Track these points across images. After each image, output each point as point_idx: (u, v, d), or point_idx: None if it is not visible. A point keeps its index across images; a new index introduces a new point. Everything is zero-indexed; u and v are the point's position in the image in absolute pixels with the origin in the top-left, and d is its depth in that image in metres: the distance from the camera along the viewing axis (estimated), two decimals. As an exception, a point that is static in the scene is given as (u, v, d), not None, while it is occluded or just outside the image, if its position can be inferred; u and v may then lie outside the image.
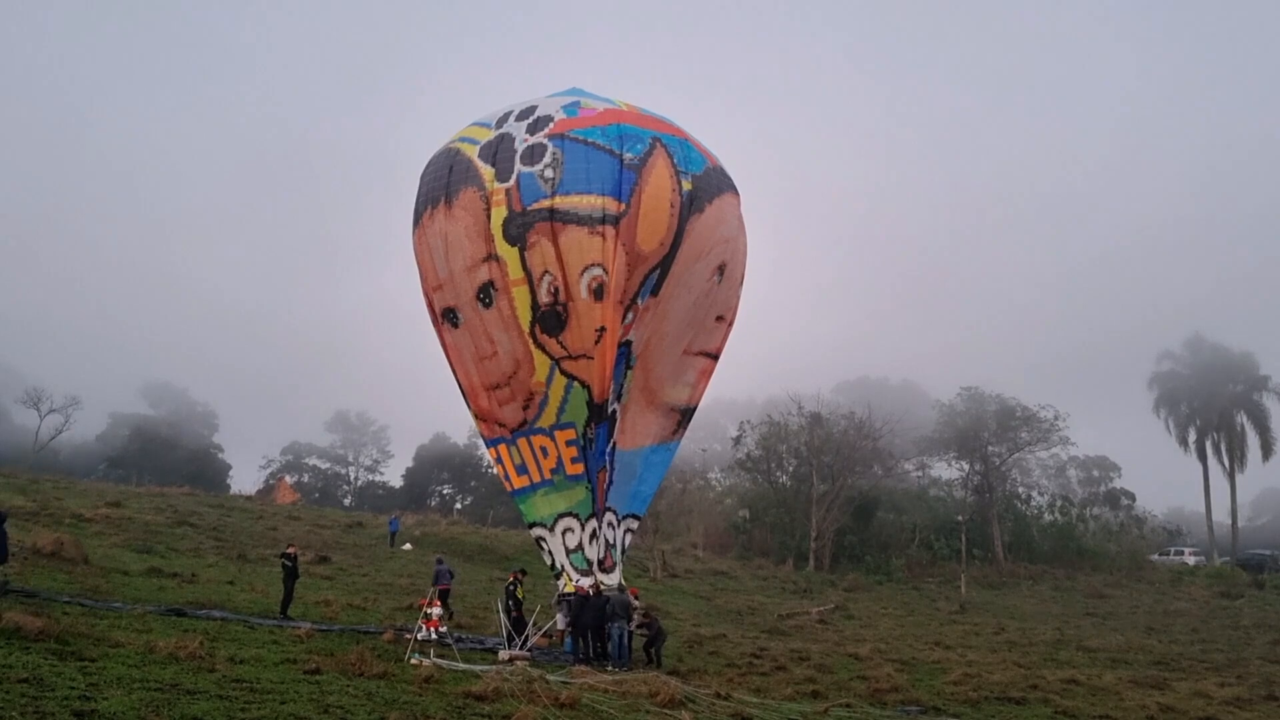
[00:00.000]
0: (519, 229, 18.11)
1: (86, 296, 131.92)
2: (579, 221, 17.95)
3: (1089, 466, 69.49)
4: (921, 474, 61.36)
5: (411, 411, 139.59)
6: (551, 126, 18.69)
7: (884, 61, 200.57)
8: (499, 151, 18.73)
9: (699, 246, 19.18)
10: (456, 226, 18.76)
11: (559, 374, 18.82)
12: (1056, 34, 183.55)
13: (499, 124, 19.31)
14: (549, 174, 18.09)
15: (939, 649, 24.65)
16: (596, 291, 18.14)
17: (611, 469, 19.69)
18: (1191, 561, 53.43)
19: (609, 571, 19.30)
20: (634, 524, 21.00)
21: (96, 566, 21.14)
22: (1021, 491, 58.34)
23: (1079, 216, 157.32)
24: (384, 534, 38.97)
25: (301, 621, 17.73)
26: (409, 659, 14.67)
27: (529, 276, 18.30)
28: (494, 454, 20.82)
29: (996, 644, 26.81)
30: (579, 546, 19.26)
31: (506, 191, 18.24)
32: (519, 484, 19.97)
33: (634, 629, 18.43)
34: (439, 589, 22.97)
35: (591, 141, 18.42)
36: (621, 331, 18.76)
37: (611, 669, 16.66)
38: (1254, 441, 55.96)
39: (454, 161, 19.27)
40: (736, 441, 55.84)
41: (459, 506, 77.62)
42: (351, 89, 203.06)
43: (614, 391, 19.32)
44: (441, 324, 19.97)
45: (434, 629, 15.97)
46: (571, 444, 19.23)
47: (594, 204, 17.95)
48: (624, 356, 19.40)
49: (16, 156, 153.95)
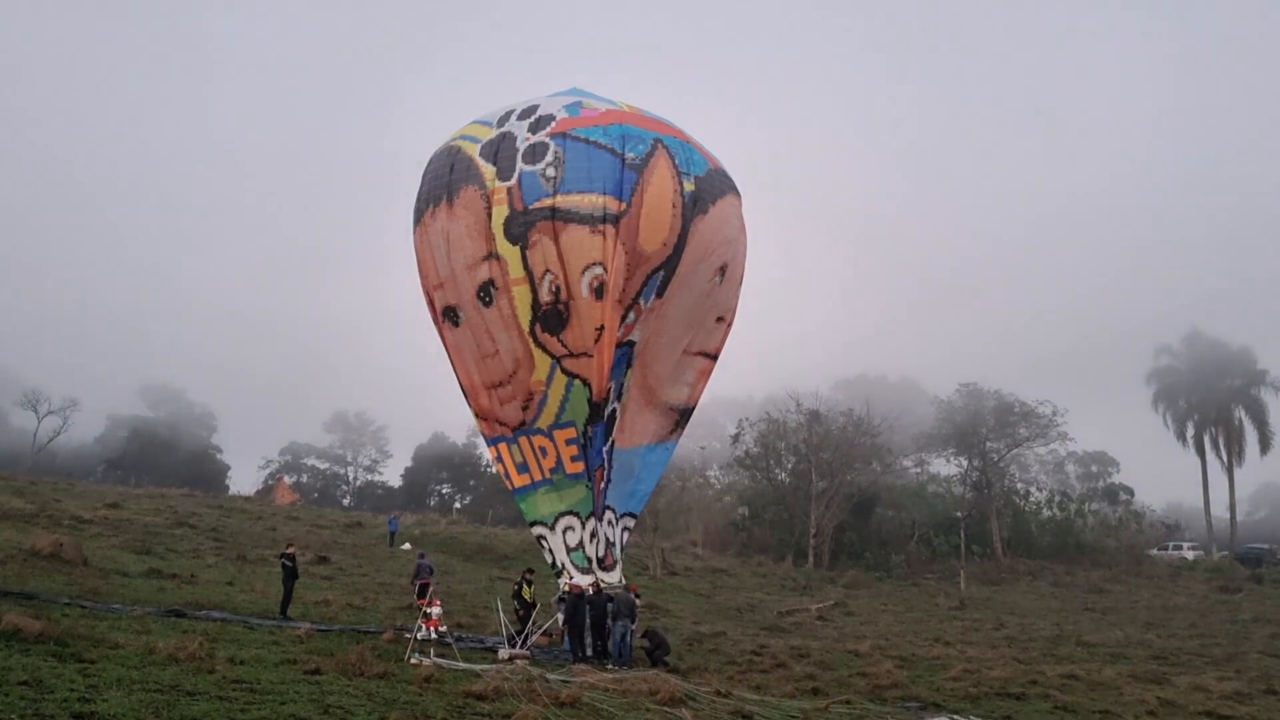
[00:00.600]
0: (521, 228, 18.09)
1: (84, 298, 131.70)
2: (580, 220, 17.92)
3: (1087, 462, 69.57)
4: (920, 470, 61.40)
5: (410, 411, 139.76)
6: (553, 125, 18.66)
7: (884, 59, 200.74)
8: (500, 150, 18.70)
9: (703, 248, 19.18)
10: (458, 225, 18.74)
11: (560, 372, 18.81)
12: (1055, 32, 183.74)
13: (500, 122, 19.28)
14: (551, 173, 18.07)
15: (939, 645, 24.67)
16: (597, 290, 18.12)
17: (609, 467, 19.71)
18: (1190, 556, 53.51)
19: (609, 570, 19.32)
20: (631, 522, 21.04)
21: (96, 568, 21.13)
22: (1020, 487, 58.34)
23: (1079, 213, 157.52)
24: (383, 534, 38.98)
25: (301, 622, 17.74)
26: (409, 659, 14.66)
27: (530, 275, 18.27)
28: (494, 452, 20.82)
29: (996, 640, 26.85)
30: (579, 545, 19.27)
31: (508, 190, 18.22)
32: (520, 482, 19.98)
33: (637, 643, 18.51)
34: (420, 584, 23.12)
35: (593, 140, 18.39)
36: (623, 331, 18.75)
37: (612, 667, 16.69)
38: (1252, 436, 56.18)
39: (455, 160, 19.24)
40: (735, 439, 55.87)
41: (458, 506, 77.64)
42: (351, 89, 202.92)
43: (613, 391, 19.33)
44: (442, 323, 19.96)
45: (434, 628, 15.99)
46: (572, 442, 19.22)
47: (595, 203, 17.93)
48: (625, 356, 19.41)
49: (14, 157, 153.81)
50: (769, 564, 47.51)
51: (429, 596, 17.64)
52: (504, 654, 17.07)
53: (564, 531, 19.44)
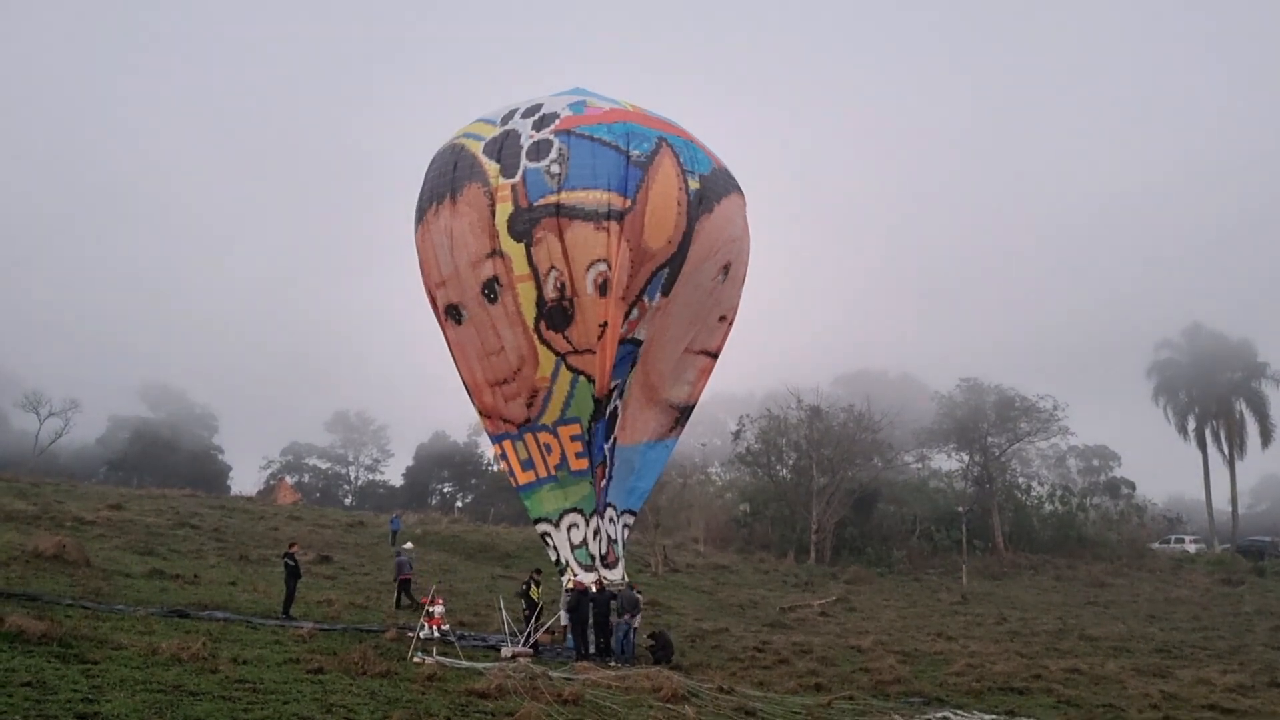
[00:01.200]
0: (525, 225, 18.05)
1: (84, 299, 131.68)
2: (585, 217, 17.89)
3: (1089, 456, 69.53)
4: (921, 466, 61.39)
5: (411, 410, 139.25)
6: (558, 123, 18.63)
7: (884, 57, 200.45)
8: (504, 147, 18.67)
9: (708, 246, 19.17)
10: (461, 222, 18.69)
11: (565, 369, 18.80)
12: (1055, 29, 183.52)
13: (504, 120, 19.26)
14: (555, 169, 18.04)
15: (941, 640, 24.68)
16: (602, 287, 18.10)
17: (611, 464, 19.70)
18: (1192, 549, 53.49)
19: (611, 567, 19.33)
20: (631, 519, 21.05)
21: (98, 569, 21.14)
22: (1021, 482, 58.35)
23: (1078, 207, 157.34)
24: (385, 533, 38.97)
25: (304, 621, 17.75)
26: (412, 657, 14.67)
27: (535, 272, 18.24)
28: (499, 450, 20.84)
29: (998, 634, 26.86)
30: (583, 542, 19.28)
31: (512, 187, 18.18)
32: (524, 479, 19.97)
33: (642, 641, 18.52)
34: (400, 579, 23.17)
35: (598, 138, 18.36)
36: (626, 328, 18.73)
37: (615, 664, 16.70)
38: (1253, 428, 56.14)
39: (458, 157, 19.20)
40: (736, 436, 55.88)
41: (460, 504, 77.69)
42: (351, 90, 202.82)
43: (616, 388, 19.32)
44: (445, 321, 19.94)
45: (437, 627, 15.99)
46: (576, 439, 19.22)
47: (599, 199, 17.89)
48: (631, 354, 19.39)
49: (14, 158, 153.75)
50: (771, 560, 47.51)
51: (431, 595, 17.64)
52: (507, 652, 17.08)
53: (569, 529, 19.45)
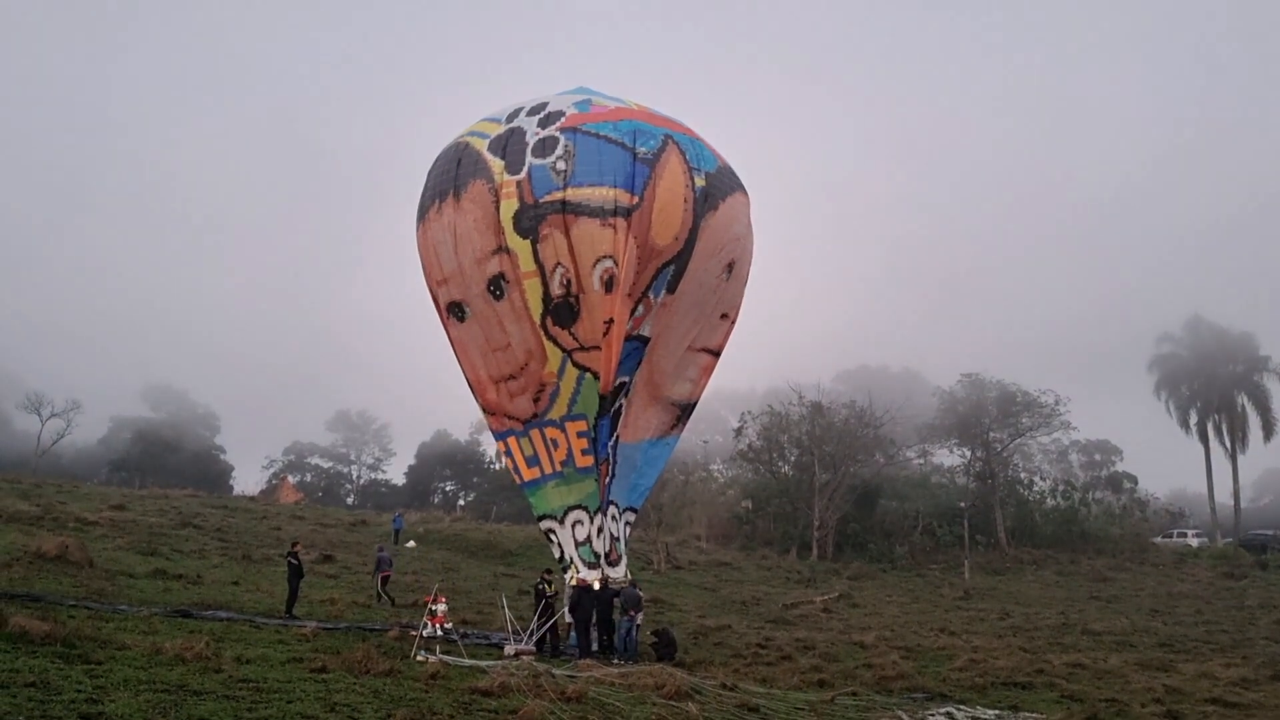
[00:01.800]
0: (531, 221, 18.02)
1: (85, 300, 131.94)
2: (591, 213, 17.85)
3: (1091, 450, 69.61)
4: (923, 461, 61.38)
5: (413, 409, 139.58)
6: (563, 120, 18.61)
7: (884, 54, 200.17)
8: (509, 144, 18.64)
9: (713, 244, 19.15)
10: (465, 219, 18.64)
11: (571, 366, 18.80)
12: (1055, 25, 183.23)
13: (509, 119, 19.23)
14: (561, 166, 18.01)
15: (944, 635, 24.67)
16: (608, 284, 18.06)
17: (613, 462, 19.69)
18: (1195, 543, 53.44)
19: (614, 565, 19.33)
20: (632, 517, 21.03)
21: (101, 569, 21.17)
22: (1023, 477, 58.25)
23: (1078, 202, 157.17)
24: (388, 532, 39.03)
25: (307, 620, 17.78)
26: (415, 656, 14.69)
27: (541, 269, 18.21)
28: (503, 446, 20.82)
29: (1001, 629, 26.85)
30: (587, 539, 19.27)
31: (518, 184, 18.15)
32: (529, 476, 19.95)
33: (646, 639, 18.52)
34: (381, 576, 23.26)
35: (604, 135, 18.33)
36: (632, 324, 18.72)
37: (618, 662, 16.71)
38: (1255, 422, 56.09)
39: (462, 155, 19.17)
40: (738, 433, 55.84)
41: (462, 503, 77.77)
42: (351, 91, 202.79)
43: (623, 386, 19.30)
44: (447, 318, 19.93)
45: (439, 625, 16.01)
46: (582, 435, 19.20)
47: (606, 196, 17.86)
48: (638, 351, 19.37)
49: (16, 159, 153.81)
50: (773, 557, 47.52)
51: (434, 594, 17.67)
52: (510, 650, 17.09)
53: (573, 526, 19.44)
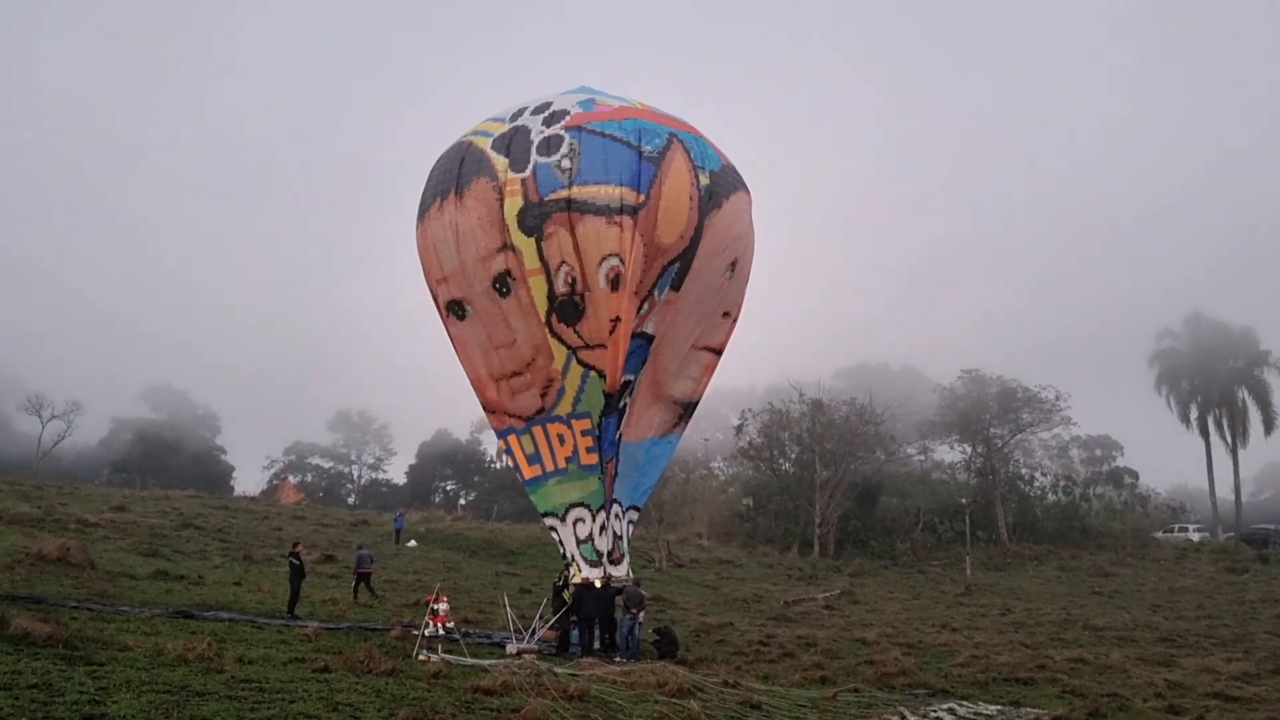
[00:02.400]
0: (536, 219, 18.01)
1: (85, 301, 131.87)
2: (597, 211, 17.84)
3: (1091, 446, 69.50)
4: (924, 458, 61.40)
5: (413, 409, 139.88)
6: (568, 119, 18.61)
7: (884, 52, 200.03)
8: (513, 143, 18.63)
9: (717, 242, 19.17)
10: (468, 217, 18.61)
11: (576, 363, 18.80)
12: (1054, 21, 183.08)
13: (513, 118, 19.24)
14: (566, 164, 17.99)
15: (946, 632, 24.68)
16: (614, 282, 18.05)
17: (617, 460, 19.69)
18: (1196, 538, 53.46)
19: (617, 563, 19.33)
20: (635, 515, 21.03)
21: (103, 571, 21.17)
22: (1024, 473, 58.25)
23: (1078, 198, 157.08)
24: (389, 531, 39.08)
25: (309, 620, 17.79)
26: (417, 655, 14.69)
27: (546, 267, 18.20)
28: (504, 445, 20.80)
29: (1003, 625, 26.85)
30: (589, 537, 19.28)
31: (522, 182, 18.13)
32: (530, 474, 19.96)
33: (648, 637, 18.53)
34: (360, 573, 23.29)
35: (609, 134, 18.33)
36: (636, 322, 18.73)
37: (620, 660, 16.72)
38: (1255, 417, 56.08)
39: (465, 154, 19.18)
40: (738, 430, 55.86)
41: (463, 502, 77.80)
42: (352, 91, 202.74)
43: (628, 384, 19.30)
44: (447, 317, 19.93)
45: (441, 624, 16.01)
46: (587, 433, 19.21)
47: (612, 194, 17.85)
48: (643, 349, 19.37)
49: (16, 160, 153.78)
50: (774, 554, 47.55)
51: (436, 593, 17.67)
52: (511, 649, 17.10)
53: (574, 523, 19.45)
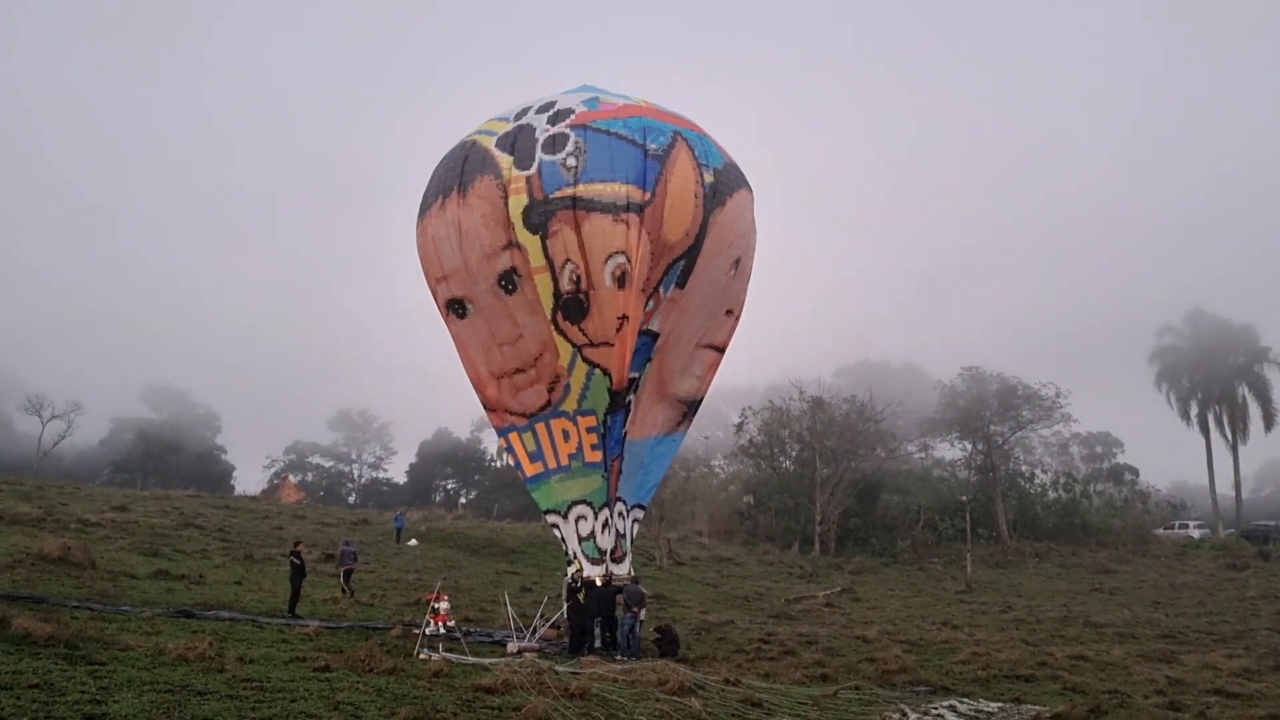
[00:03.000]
0: (541, 217, 18.00)
1: (85, 301, 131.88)
2: (603, 209, 17.84)
3: (1092, 443, 69.44)
4: (924, 455, 61.29)
5: (414, 407, 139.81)
6: (572, 118, 18.63)
7: (884, 50, 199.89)
8: (518, 141, 18.64)
9: (721, 239, 19.18)
10: (472, 215, 18.60)
11: (581, 361, 18.81)
12: (1053, 16, 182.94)
13: (518, 117, 19.25)
14: (571, 162, 18.00)
15: (946, 629, 24.70)
16: (620, 279, 18.04)
17: (622, 458, 19.68)
18: (1196, 534, 53.43)
19: (619, 562, 19.34)
20: (640, 514, 21.02)
21: (104, 570, 21.18)
22: (1025, 470, 58.20)
23: (1078, 195, 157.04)
24: (390, 530, 39.10)
25: (310, 620, 17.79)
26: (418, 654, 14.70)
27: (551, 264, 18.19)
28: (505, 443, 20.78)
29: (1004, 622, 26.86)
30: (591, 534, 19.28)
31: (527, 179, 18.14)
32: (532, 471, 19.95)
33: (649, 635, 18.53)
34: (344, 569, 23.29)
35: (614, 132, 18.34)
36: (643, 320, 18.73)
37: (620, 658, 16.72)
38: (1256, 413, 56.11)
39: (469, 152, 19.19)
40: (739, 428, 55.84)
41: (464, 501, 77.80)
42: (353, 91, 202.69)
43: (633, 382, 19.30)
44: (447, 315, 19.93)
45: (442, 623, 16.01)
46: (592, 430, 19.22)
47: (618, 192, 17.86)
48: (648, 346, 19.37)
49: (16, 161, 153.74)
50: (775, 552, 47.55)
51: (437, 592, 17.67)
52: (512, 647, 17.11)
53: (576, 521, 19.46)
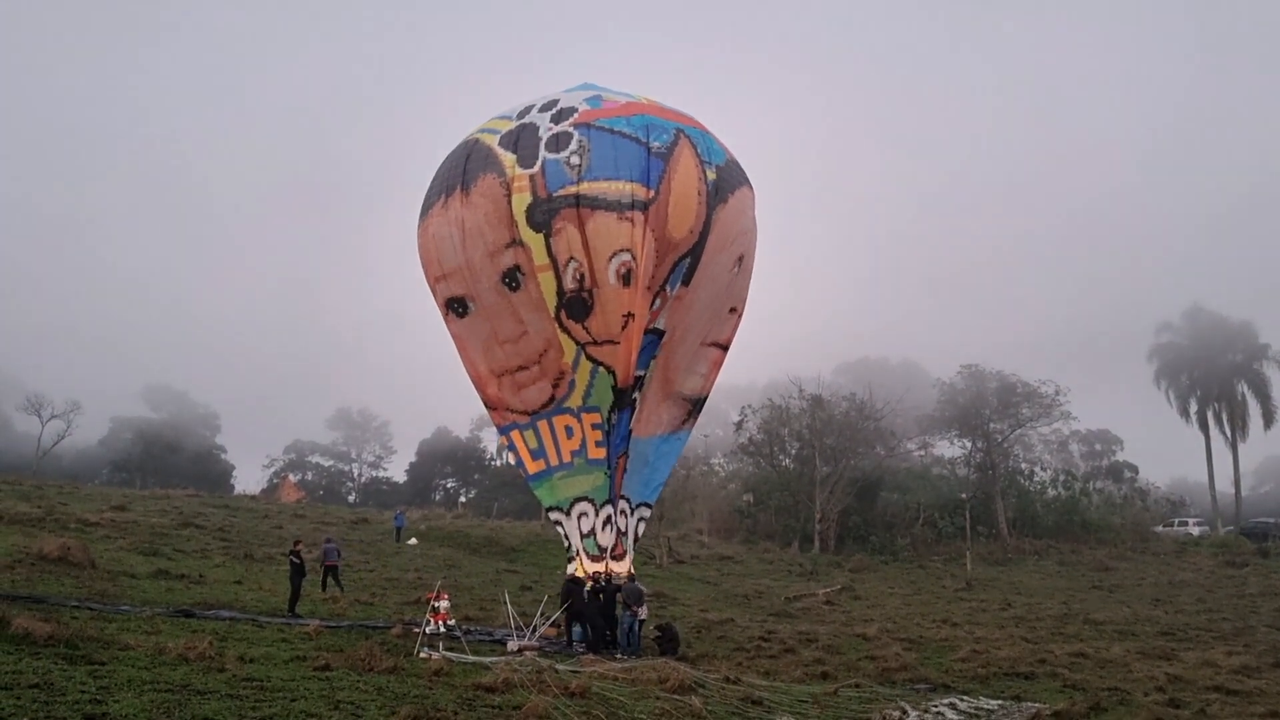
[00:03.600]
0: (544, 215, 18.00)
1: (85, 302, 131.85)
2: (607, 207, 17.84)
3: (1091, 440, 69.50)
4: (924, 453, 61.28)
5: (413, 406, 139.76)
6: (576, 116, 18.63)
7: (883, 49, 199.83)
8: (521, 139, 18.64)
9: (724, 237, 19.19)
10: (475, 213, 18.59)
11: (584, 359, 18.82)
12: (1052, 15, 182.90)
13: (520, 115, 19.25)
14: (575, 160, 18.00)
15: (946, 627, 24.70)
16: (624, 277, 18.04)
17: (627, 456, 19.69)
18: (1196, 532, 53.43)
19: (619, 559, 19.35)
20: (646, 512, 21.00)
21: (104, 570, 21.16)
22: (1024, 467, 58.21)
23: (1077, 193, 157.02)
24: (389, 529, 39.06)
25: (310, 619, 17.78)
26: (418, 653, 14.70)
27: (554, 263, 18.21)
28: (506, 441, 20.79)
29: (1003, 620, 26.87)
30: (592, 531, 19.29)
31: (530, 177, 18.14)
32: (534, 469, 19.96)
33: (649, 633, 18.53)
34: (327, 565, 23.30)
35: (618, 130, 18.35)
36: (649, 318, 18.72)
37: (621, 657, 16.72)
38: (1255, 410, 56.09)
39: (472, 151, 19.19)
40: (738, 426, 55.82)
41: (463, 500, 77.77)
42: (354, 91, 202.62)
43: (638, 380, 19.30)
44: (447, 314, 19.92)
45: (442, 622, 16.00)
46: (596, 428, 19.24)
47: (622, 190, 17.85)
48: (653, 344, 19.37)
49: (16, 161, 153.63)
50: (775, 550, 47.55)
51: (437, 591, 17.65)
52: (513, 646, 17.11)
53: (578, 518, 19.47)
